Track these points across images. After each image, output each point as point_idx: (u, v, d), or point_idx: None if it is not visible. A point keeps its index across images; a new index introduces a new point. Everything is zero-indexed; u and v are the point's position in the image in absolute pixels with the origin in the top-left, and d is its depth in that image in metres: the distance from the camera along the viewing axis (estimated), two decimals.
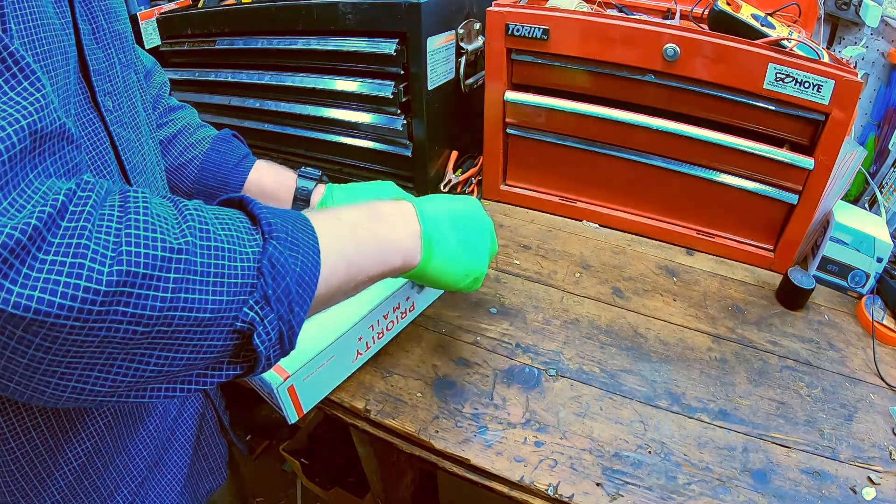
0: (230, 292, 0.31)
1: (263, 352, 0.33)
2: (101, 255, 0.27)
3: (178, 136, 0.65)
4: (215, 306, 0.31)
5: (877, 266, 0.71)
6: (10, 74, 0.27)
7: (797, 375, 0.63)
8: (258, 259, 0.33)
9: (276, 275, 0.33)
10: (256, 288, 0.32)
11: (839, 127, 0.66)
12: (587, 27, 0.72)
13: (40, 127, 0.27)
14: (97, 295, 0.26)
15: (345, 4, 0.76)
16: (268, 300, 0.33)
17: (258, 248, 0.33)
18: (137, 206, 0.29)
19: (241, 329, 0.32)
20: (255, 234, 0.34)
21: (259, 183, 0.66)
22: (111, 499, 0.46)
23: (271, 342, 0.34)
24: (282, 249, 0.34)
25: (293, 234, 0.36)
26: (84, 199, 0.28)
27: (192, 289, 0.30)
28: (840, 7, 0.90)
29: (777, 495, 0.50)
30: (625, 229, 0.87)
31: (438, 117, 0.85)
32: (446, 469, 0.54)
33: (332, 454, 1.20)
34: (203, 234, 0.31)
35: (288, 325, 0.34)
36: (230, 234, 0.32)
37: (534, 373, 0.61)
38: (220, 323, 0.31)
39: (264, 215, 0.35)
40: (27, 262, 0.25)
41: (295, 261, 0.35)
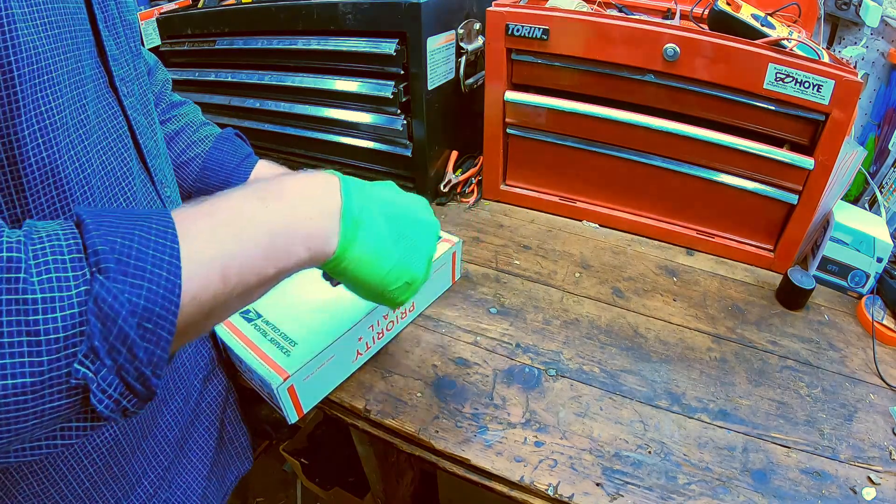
0: (51, 351, 0.27)
1: (105, 411, 0.28)
2: None
3: (181, 134, 0.65)
4: (37, 369, 0.26)
5: (877, 266, 0.71)
6: None
7: (797, 375, 0.63)
8: (83, 302, 0.27)
9: (104, 318, 0.28)
10: (84, 337, 0.27)
11: (839, 127, 0.66)
12: (587, 27, 0.72)
13: None
14: None
15: (345, 4, 0.76)
16: (96, 352, 0.28)
17: (85, 286, 0.28)
18: None
19: (74, 392, 0.28)
20: (83, 269, 0.28)
21: None
22: (139, 485, 0.46)
23: (113, 397, 0.29)
24: (110, 285, 0.28)
25: (136, 256, 0.29)
26: None
27: (4, 354, 0.26)
28: (840, 7, 0.90)
29: (777, 495, 0.50)
30: (625, 229, 0.87)
31: (438, 117, 0.85)
32: (446, 469, 0.54)
33: (332, 454, 1.20)
34: (12, 286, 0.26)
35: (135, 372, 0.29)
36: (48, 279, 0.27)
37: (534, 373, 0.61)
38: (52, 385, 0.27)
39: (93, 241, 0.29)
40: None
41: (136, 293, 0.28)
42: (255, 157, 0.68)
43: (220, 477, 0.57)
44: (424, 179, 0.89)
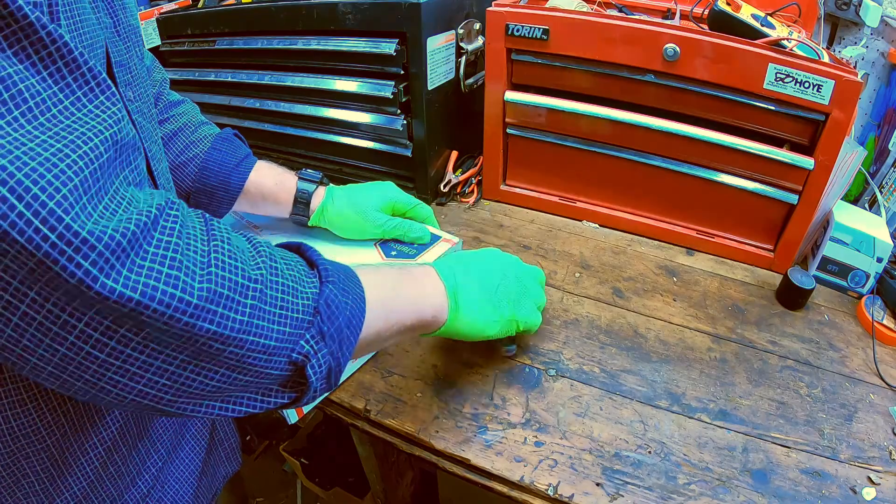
0: (292, 325, 0.35)
1: (314, 382, 0.36)
2: (192, 271, 0.29)
3: (180, 134, 0.65)
4: (280, 336, 0.34)
5: (877, 266, 0.71)
6: (89, 88, 0.29)
7: (797, 375, 0.63)
8: (316, 299, 0.37)
9: (331, 314, 0.37)
10: (314, 324, 0.36)
11: (839, 127, 0.66)
12: (587, 27, 0.72)
13: (120, 137, 0.29)
14: (188, 306, 0.29)
15: (345, 4, 0.76)
16: (323, 336, 0.36)
17: (316, 289, 0.37)
18: (221, 234, 0.33)
19: (296, 360, 0.35)
20: (313, 278, 0.38)
21: (259, 184, 0.67)
22: (133, 484, 0.46)
23: (322, 374, 0.37)
24: (336, 293, 0.38)
25: (344, 281, 0.39)
26: (173, 216, 0.30)
27: (263, 316, 0.33)
28: (840, 7, 0.90)
29: (777, 495, 0.50)
30: (625, 229, 0.87)
31: (438, 117, 0.85)
32: (446, 469, 0.54)
33: (332, 454, 1.20)
34: (273, 270, 0.35)
35: (337, 361, 0.37)
36: (294, 274, 0.36)
37: (534, 373, 0.61)
38: (281, 352, 0.34)
39: (322, 261, 0.40)
40: (126, 264, 0.27)
41: (346, 305, 0.38)
42: (253, 157, 0.68)
43: (211, 476, 0.57)
44: (424, 179, 0.89)
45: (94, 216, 0.26)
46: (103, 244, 0.26)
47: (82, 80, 0.29)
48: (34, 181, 0.24)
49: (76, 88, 0.29)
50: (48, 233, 0.25)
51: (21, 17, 0.25)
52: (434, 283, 0.50)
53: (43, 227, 0.24)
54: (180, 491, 0.51)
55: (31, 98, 0.26)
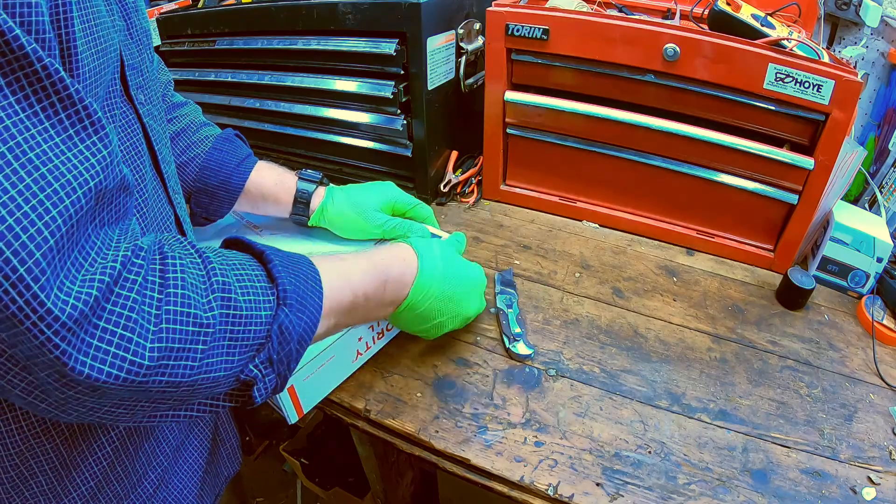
0: (241, 353, 0.35)
1: (258, 399, 0.38)
2: (144, 331, 0.30)
3: (182, 134, 0.66)
4: (229, 365, 0.35)
5: (877, 266, 0.71)
6: (82, 126, 0.29)
7: (797, 375, 0.63)
8: (269, 324, 0.36)
9: (282, 340, 0.37)
10: (264, 349, 0.36)
11: (839, 127, 0.66)
12: (587, 27, 0.72)
13: (104, 185, 0.29)
14: (140, 368, 0.30)
15: (345, 4, 0.76)
16: (271, 362, 0.37)
17: (271, 311, 0.37)
18: (175, 276, 0.32)
19: (245, 379, 0.36)
20: (270, 296, 0.37)
21: (260, 184, 0.67)
22: (139, 485, 0.47)
23: (266, 393, 0.38)
24: (291, 316, 0.37)
25: (303, 296, 0.39)
26: (137, 267, 0.31)
27: (214, 354, 0.33)
28: (840, 7, 0.90)
29: (777, 495, 0.50)
30: (625, 229, 0.87)
31: (438, 117, 0.85)
32: (446, 469, 0.54)
33: (332, 454, 1.20)
34: (226, 303, 0.34)
35: (283, 378, 0.39)
36: (248, 299, 0.36)
37: (534, 373, 0.61)
38: (229, 376, 0.35)
39: (281, 278, 0.38)
40: (87, 330, 0.28)
41: (300, 323, 0.38)
42: (254, 157, 0.68)
43: (214, 477, 0.57)
44: (424, 179, 0.89)
45: (59, 280, 0.27)
46: (66, 315, 0.27)
47: (76, 118, 0.28)
48: (8, 243, 0.25)
49: (69, 126, 0.28)
50: (16, 297, 0.25)
51: (17, 48, 0.25)
52: (399, 291, 0.52)
53: (12, 290, 0.25)
54: (184, 491, 0.51)
55: (18, 134, 0.26)
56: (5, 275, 0.25)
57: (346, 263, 0.47)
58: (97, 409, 0.32)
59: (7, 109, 0.25)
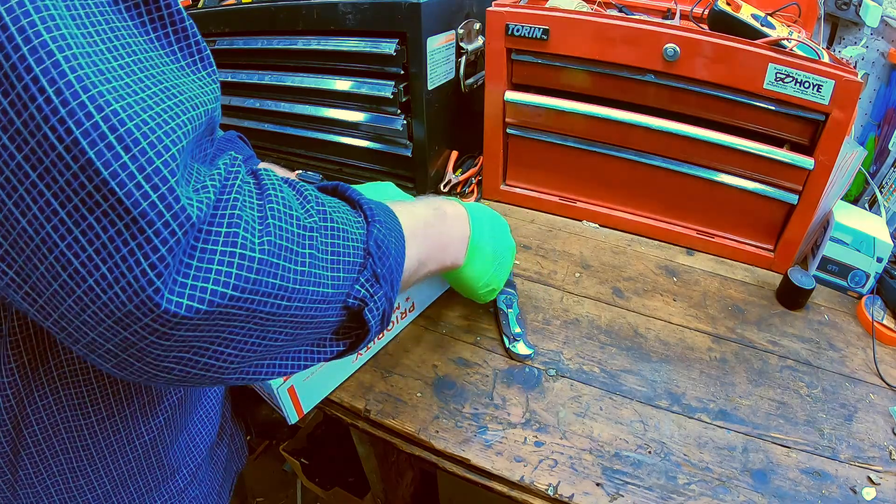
0: (346, 269, 0.34)
1: (374, 325, 0.36)
2: (252, 228, 0.28)
3: None
4: (336, 282, 0.33)
5: (877, 266, 0.71)
6: (200, 58, 0.29)
7: (797, 375, 0.62)
8: (365, 241, 0.36)
9: (381, 255, 0.36)
10: (366, 267, 0.35)
11: (839, 127, 0.66)
12: (587, 27, 0.72)
13: (214, 116, 0.29)
14: (252, 263, 0.27)
15: (345, 4, 0.76)
16: (377, 278, 0.36)
17: (363, 230, 0.36)
18: (273, 184, 0.31)
19: (351, 306, 0.35)
20: (359, 218, 0.37)
21: None
22: (171, 479, 0.46)
23: (379, 316, 0.36)
24: (384, 232, 0.37)
25: (387, 220, 0.39)
26: (235, 173, 0.29)
27: (320, 265, 0.32)
28: (840, 7, 0.90)
29: (777, 495, 0.50)
30: (625, 229, 0.87)
31: (438, 117, 0.85)
32: (446, 469, 0.54)
33: (332, 454, 1.20)
34: (322, 215, 0.33)
35: (390, 302, 0.37)
36: (342, 217, 0.35)
37: (534, 373, 0.61)
38: (337, 299, 0.34)
39: (364, 200, 0.38)
40: (201, 237, 0.26)
41: (392, 244, 0.38)
42: (256, 159, 0.69)
43: (228, 473, 0.57)
44: (424, 179, 0.89)
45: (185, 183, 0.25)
46: (196, 216, 0.25)
47: (188, 52, 0.28)
48: (144, 134, 0.23)
49: (187, 55, 0.28)
50: (150, 191, 0.23)
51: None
52: (463, 229, 0.53)
53: (145, 184, 0.23)
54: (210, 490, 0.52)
55: (141, 52, 0.25)
56: (140, 166, 0.23)
57: (405, 203, 0.48)
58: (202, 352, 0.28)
59: (131, 30, 0.25)
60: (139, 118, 0.23)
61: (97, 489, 0.41)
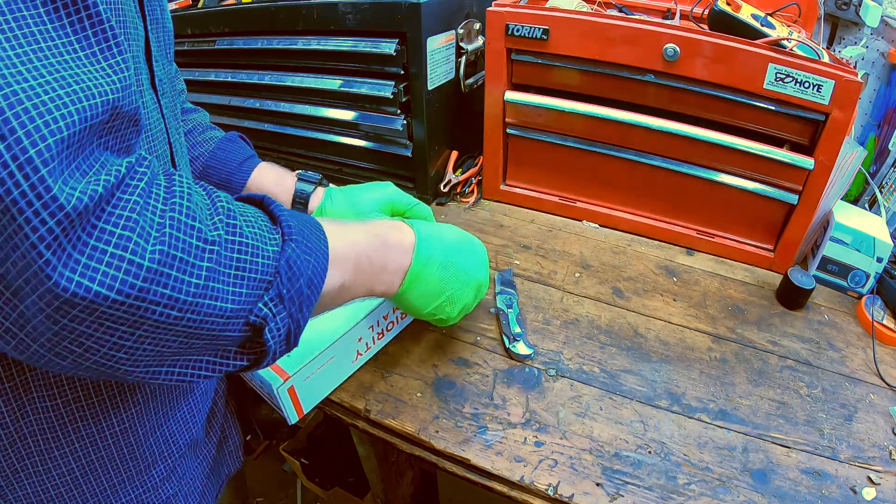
0: (250, 286, 0.33)
1: (272, 346, 0.35)
2: (146, 233, 0.28)
3: (188, 135, 0.67)
4: (237, 298, 0.33)
5: (877, 266, 0.71)
6: (107, 46, 0.28)
7: (797, 375, 0.63)
8: (276, 259, 0.35)
9: (291, 276, 0.35)
10: (273, 286, 0.35)
11: (839, 127, 0.66)
12: (587, 27, 0.72)
13: (120, 105, 0.29)
14: (140, 270, 0.27)
15: (345, 4, 0.76)
16: (282, 299, 0.35)
17: (277, 247, 0.36)
18: (182, 191, 0.31)
19: (254, 322, 0.34)
20: (275, 234, 0.36)
21: (259, 184, 0.67)
22: (147, 472, 0.47)
23: (280, 337, 0.36)
24: (299, 252, 0.36)
25: (308, 238, 0.38)
26: (140, 174, 0.29)
27: (219, 279, 0.31)
28: (840, 7, 0.90)
29: (777, 495, 0.50)
30: (625, 229, 0.87)
31: (438, 117, 0.85)
32: (446, 469, 0.54)
33: (332, 454, 1.20)
34: (231, 228, 0.33)
35: (296, 323, 0.37)
36: (254, 232, 0.35)
37: (534, 373, 0.61)
38: (239, 314, 0.33)
39: (284, 217, 0.38)
40: (86, 230, 0.26)
41: (308, 264, 0.37)
42: (257, 159, 0.69)
43: (217, 474, 0.57)
44: (424, 179, 0.89)
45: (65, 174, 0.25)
46: (71, 206, 0.25)
47: (102, 37, 0.28)
48: (22, 124, 0.24)
49: (94, 43, 0.28)
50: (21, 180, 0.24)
51: None
52: (402, 260, 0.50)
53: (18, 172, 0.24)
54: (191, 486, 0.52)
55: (43, 41, 0.25)
56: (13, 155, 0.23)
57: (345, 224, 0.46)
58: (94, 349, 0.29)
59: (36, 18, 0.25)
60: (20, 107, 0.24)
61: (66, 475, 0.41)
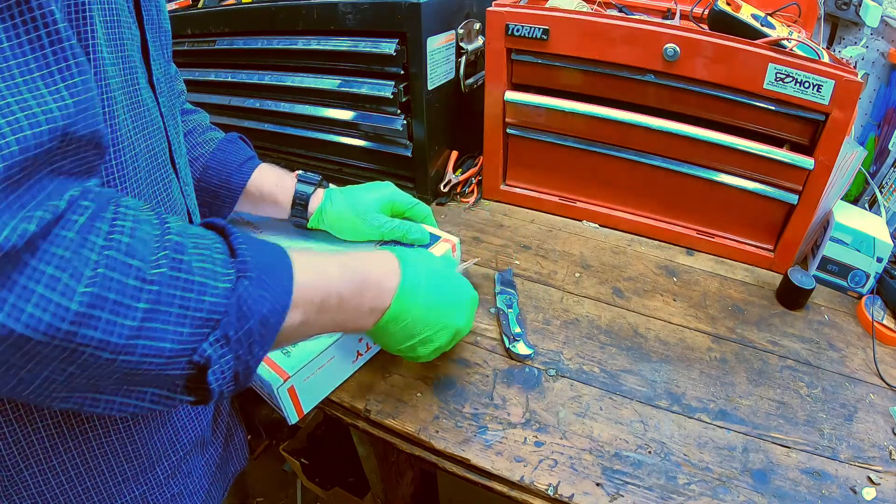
0: (194, 325, 0.31)
1: (216, 388, 0.33)
2: (78, 273, 0.27)
3: (188, 136, 0.67)
4: (178, 338, 0.31)
5: (877, 266, 0.71)
6: (66, 66, 0.27)
7: (797, 375, 0.63)
8: (228, 296, 0.33)
9: (241, 315, 0.33)
10: (220, 326, 0.32)
11: (839, 127, 0.66)
12: (587, 27, 0.72)
13: (74, 130, 0.27)
14: (67, 313, 0.26)
15: (345, 4, 0.76)
16: (228, 340, 0.33)
17: (230, 284, 0.33)
18: (125, 226, 0.29)
19: (198, 362, 0.32)
20: (230, 269, 0.34)
21: (260, 185, 0.67)
22: (151, 470, 0.47)
23: (225, 380, 0.34)
24: (252, 290, 0.34)
25: (269, 273, 0.36)
26: (83, 209, 0.28)
27: (159, 319, 0.30)
28: (840, 7, 0.90)
29: (777, 495, 0.50)
30: (625, 229, 0.87)
31: (438, 117, 0.85)
32: (446, 469, 0.54)
33: (332, 454, 1.20)
34: (176, 265, 0.31)
35: (245, 364, 0.34)
36: (204, 268, 0.32)
37: (534, 373, 0.61)
38: (181, 354, 0.31)
39: (242, 251, 0.35)
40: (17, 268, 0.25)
41: (263, 302, 0.35)
42: (257, 160, 0.69)
43: (224, 473, 0.57)
44: (424, 179, 0.89)
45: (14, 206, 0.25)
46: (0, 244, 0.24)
47: (61, 56, 0.27)
48: None
49: (52, 62, 0.27)
50: None
51: None
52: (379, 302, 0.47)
53: None
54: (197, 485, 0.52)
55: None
56: None
57: (321, 259, 0.44)
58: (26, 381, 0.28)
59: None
60: None
61: (70, 470, 0.41)
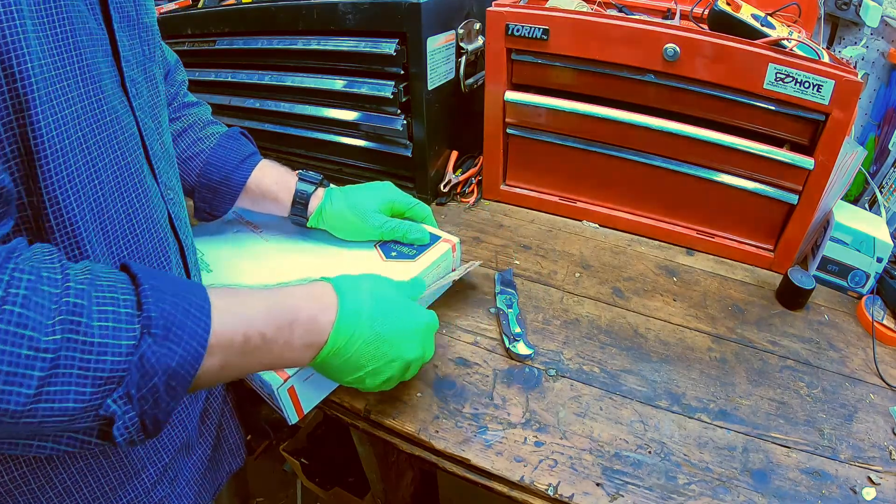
0: (96, 385, 0.31)
1: (121, 441, 0.34)
2: None
3: (188, 131, 0.66)
4: (81, 398, 0.31)
5: (877, 266, 0.71)
6: None
7: (797, 375, 0.63)
8: (131, 352, 0.32)
9: (144, 373, 0.33)
10: (123, 383, 0.32)
11: (839, 127, 0.66)
12: (587, 27, 0.72)
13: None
14: None
15: (345, 4, 0.76)
16: (130, 398, 0.33)
17: (133, 341, 0.33)
18: (18, 293, 0.29)
19: (104, 416, 0.33)
20: (135, 324, 0.33)
21: (260, 182, 0.67)
22: (136, 477, 0.47)
23: (130, 434, 0.34)
24: (156, 348, 0.33)
25: (179, 325, 0.35)
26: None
27: (58, 382, 0.30)
28: (840, 7, 0.90)
29: (777, 495, 0.50)
30: (625, 229, 0.87)
31: (438, 117, 0.85)
32: (446, 469, 0.54)
33: (332, 454, 1.20)
34: (73, 327, 0.31)
35: (152, 418, 0.34)
36: (105, 326, 0.32)
37: (534, 373, 0.61)
38: (86, 411, 0.32)
39: (148, 305, 0.34)
40: None
41: (172, 356, 0.34)
42: (258, 156, 0.68)
43: (215, 473, 0.57)
44: (424, 179, 0.89)
45: None
46: None
47: None
48: None
49: None
50: None
51: None
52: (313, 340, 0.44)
53: None
54: (185, 487, 0.52)
55: None
56: None
57: (245, 299, 0.42)
58: None
59: None
60: None
61: (58, 485, 0.42)
